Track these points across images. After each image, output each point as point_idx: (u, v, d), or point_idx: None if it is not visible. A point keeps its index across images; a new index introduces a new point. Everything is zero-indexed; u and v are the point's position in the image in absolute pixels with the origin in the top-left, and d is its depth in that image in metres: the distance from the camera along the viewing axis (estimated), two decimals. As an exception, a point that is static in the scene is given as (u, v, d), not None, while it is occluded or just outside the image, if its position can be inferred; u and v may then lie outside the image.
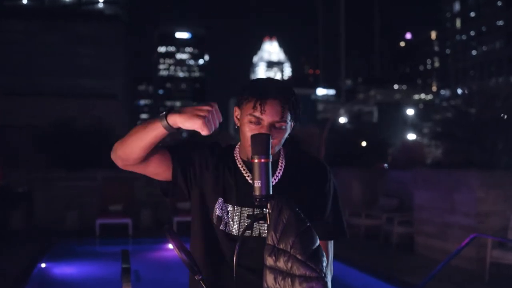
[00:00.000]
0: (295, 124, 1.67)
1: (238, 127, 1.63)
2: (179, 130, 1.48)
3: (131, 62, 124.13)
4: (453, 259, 5.64)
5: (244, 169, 1.63)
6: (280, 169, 1.64)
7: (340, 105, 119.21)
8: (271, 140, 1.43)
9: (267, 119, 1.53)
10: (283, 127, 1.56)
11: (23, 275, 6.18)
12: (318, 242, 1.32)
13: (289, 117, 1.56)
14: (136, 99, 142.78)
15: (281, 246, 1.30)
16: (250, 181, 1.58)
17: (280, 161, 1.65)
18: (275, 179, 1.61)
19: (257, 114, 1.53)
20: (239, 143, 1.70)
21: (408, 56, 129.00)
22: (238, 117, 1.63)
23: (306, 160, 1.70)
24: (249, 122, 1.55)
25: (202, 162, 1.65)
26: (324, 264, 1.31)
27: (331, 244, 1.66)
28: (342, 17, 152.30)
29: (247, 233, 1.56)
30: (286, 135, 1.60)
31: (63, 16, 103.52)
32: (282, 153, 1.68)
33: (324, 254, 1.34)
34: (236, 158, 1.67)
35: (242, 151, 1.66)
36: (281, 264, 1.28)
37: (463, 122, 10.36)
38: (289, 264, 1.27)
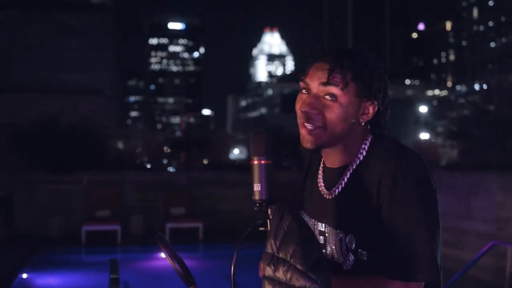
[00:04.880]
0: (381, 109, 1.42)
1: None
2: None
3: (120, 55, 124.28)
4: (470, 269, 5.64)
5: (320, 177, 1.54)
6: (345, 176, 1.44)
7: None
8: (270, 139, 1.40)
9: (312, 84, 1.40)
10: (334, 97, 1.37)
11: (2, 287, 6.17)
12: (321, 251, 1.32)
13: (345, 84, 1.37)
14: (125, 95, 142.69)
15: (280, 255, 1.29)
16: (321, 191, 1.51)
17: (352, 164, 1.44)
18: (334, 191, 1.46)
19: (303, 79, 1.42)
20: None
21: (421, 48, 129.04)
22: None
23: (383, 154, 1.38)
24: (300, 90, 1.43)
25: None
26: (327, 275, 1.30)
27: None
28: (350, 6, 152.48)
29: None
30: (351, 113, 1.39)
31: (46, 5, 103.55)
32: (363, 151, 1.44)
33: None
34: (321, 163, 1.56)
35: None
36: (280, 274, 1.28)
37: (481, 120, 10.40)
38: (289, 275, 1.26)
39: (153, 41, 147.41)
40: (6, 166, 12.34)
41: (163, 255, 1.50)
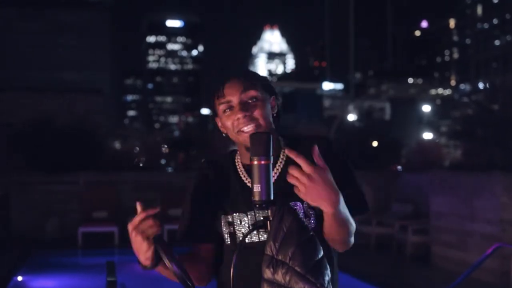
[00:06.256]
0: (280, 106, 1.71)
1: (226, 134, 1.68)
2: (155, 262, 1.60)
3: (118, 54, 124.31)
4: (474, 272, 5.64)
5: (243, 175, 1.64)
6: (281, 163, 1.62)
7: (349, 101, 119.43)
8: (272, 140, 1.42)
9: (233, 97, 1.60)
10: (255, 98, 1.61)
11: (-3, 289, 6.17)
12: (321, 253, 1.32)
13: (257, 88, 1.62)
14: (123, 94, 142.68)
15: (280, 257, 1.29)
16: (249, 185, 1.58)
17: (282, 154, 1.65)
18: (274, 175, 1.58)
19: (223, 100, 1.61)
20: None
21: (424, 46, 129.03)
22: (220, 123, 1.68)
23: (305, 143, 1.63)
24: (223, 113, 1.61)
25: (208, 203, 1.70)
26: (327, 278, 1.30)
27: None
28: (351, 4, 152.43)
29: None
30: (269, 109, 1.64)
31: (43, 3, 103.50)
32: (282, 145, 1.68)
33: (328, 266, 1.34)
34: (237, 163, 1.68)
35: (242, 155, 1.66)
36: (279, 277, 1.28)
37: (485, 120, 10.40)
38: (288, 277, 1.27)
39: (151, 39, 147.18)
40: (2, 166, 12.35)
41: (161, 257, 1.50)
